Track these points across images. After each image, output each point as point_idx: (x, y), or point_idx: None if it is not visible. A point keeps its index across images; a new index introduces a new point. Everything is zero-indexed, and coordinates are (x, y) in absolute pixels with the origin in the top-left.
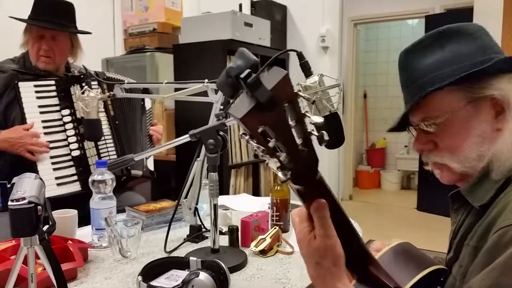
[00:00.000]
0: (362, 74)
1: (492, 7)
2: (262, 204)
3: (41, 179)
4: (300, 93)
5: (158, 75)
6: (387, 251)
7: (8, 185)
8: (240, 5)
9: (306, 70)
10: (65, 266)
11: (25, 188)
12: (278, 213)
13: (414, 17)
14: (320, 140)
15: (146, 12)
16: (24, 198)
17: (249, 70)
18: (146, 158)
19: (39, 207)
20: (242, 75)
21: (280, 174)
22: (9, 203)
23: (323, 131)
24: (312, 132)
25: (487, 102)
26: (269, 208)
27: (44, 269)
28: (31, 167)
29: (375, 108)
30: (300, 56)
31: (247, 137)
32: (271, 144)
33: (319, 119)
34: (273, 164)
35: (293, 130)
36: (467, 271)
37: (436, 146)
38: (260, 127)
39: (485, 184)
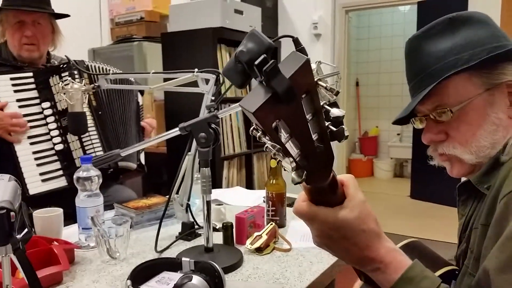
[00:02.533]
0: (354, 62)
1: None
2: (257, 197)
3: (16, 181)
4: (321, 83)
5: (146, 65)
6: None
7: None
8: None
9: None
10: (49, 270)
11: None
12: (274, 208)
13: (407, 4)
14: (339, 136)
15: (133, 0)
16: None
17: (265, 55)
18: (139, 152)
19: (12, 213)
20: (257, 62)
21: (294, 174)
22: None
23: (343, 126)
24: (330, 126)
25: (503, 89)
26: (264, 202)
27: None
28: (10, 153)
29: (368, 96)
30: (297, 42)
31: (259, 134)
32: (283, 140)
33: (340, 113)
34: (287, 164)
35: (310, 124)
36: (480, 253)
37: (448, 136)
38: (275, 122)
39: (494, 169)
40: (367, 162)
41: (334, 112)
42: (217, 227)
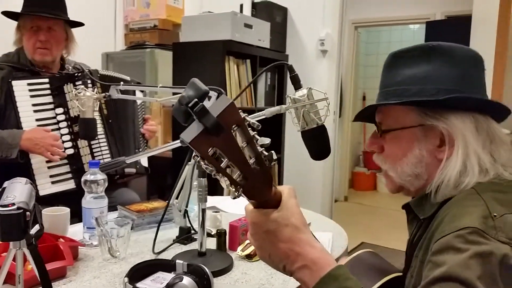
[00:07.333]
0: (361, 77)
1: (488, 15)
2: None
3: (31, 183)
4: (247, 118)
5: (158, 72)
6: (352, 259)
7: None
8: (241, 6)
9: (296, 83)
10: (54, 265)
11: (15, 193)
12: None
13: (415, 23)
14: (269, 159)
15: (148, 8)
16: (13, 204)
17: (196, 99)
18: None
19: (27, 212)
20: (190, 105)
21: (232, 189)
22: None
23: (272, 151)
24: (263, 152)
25: (436, 132)
26: None
27: None
28: (26, 166)
29: None
30: (291, 69)
31: (198, 159)
32: (223, 165)
33: (266, 141)
34: (223, 181)
35: (245, 150)
36: (416, 283)
37: (383, 150)
38: (211, 150)
39: (430, 200)
40: (370, 176)
41: (262, 140)
42: (212, 233)
